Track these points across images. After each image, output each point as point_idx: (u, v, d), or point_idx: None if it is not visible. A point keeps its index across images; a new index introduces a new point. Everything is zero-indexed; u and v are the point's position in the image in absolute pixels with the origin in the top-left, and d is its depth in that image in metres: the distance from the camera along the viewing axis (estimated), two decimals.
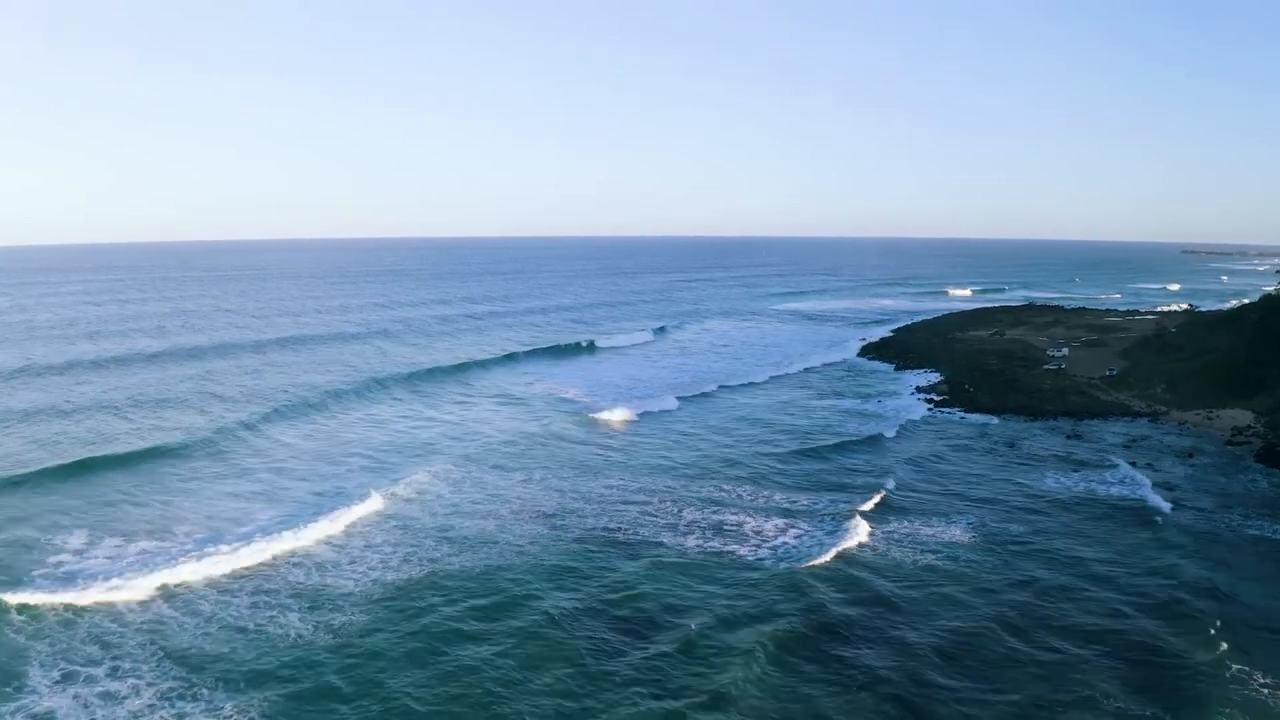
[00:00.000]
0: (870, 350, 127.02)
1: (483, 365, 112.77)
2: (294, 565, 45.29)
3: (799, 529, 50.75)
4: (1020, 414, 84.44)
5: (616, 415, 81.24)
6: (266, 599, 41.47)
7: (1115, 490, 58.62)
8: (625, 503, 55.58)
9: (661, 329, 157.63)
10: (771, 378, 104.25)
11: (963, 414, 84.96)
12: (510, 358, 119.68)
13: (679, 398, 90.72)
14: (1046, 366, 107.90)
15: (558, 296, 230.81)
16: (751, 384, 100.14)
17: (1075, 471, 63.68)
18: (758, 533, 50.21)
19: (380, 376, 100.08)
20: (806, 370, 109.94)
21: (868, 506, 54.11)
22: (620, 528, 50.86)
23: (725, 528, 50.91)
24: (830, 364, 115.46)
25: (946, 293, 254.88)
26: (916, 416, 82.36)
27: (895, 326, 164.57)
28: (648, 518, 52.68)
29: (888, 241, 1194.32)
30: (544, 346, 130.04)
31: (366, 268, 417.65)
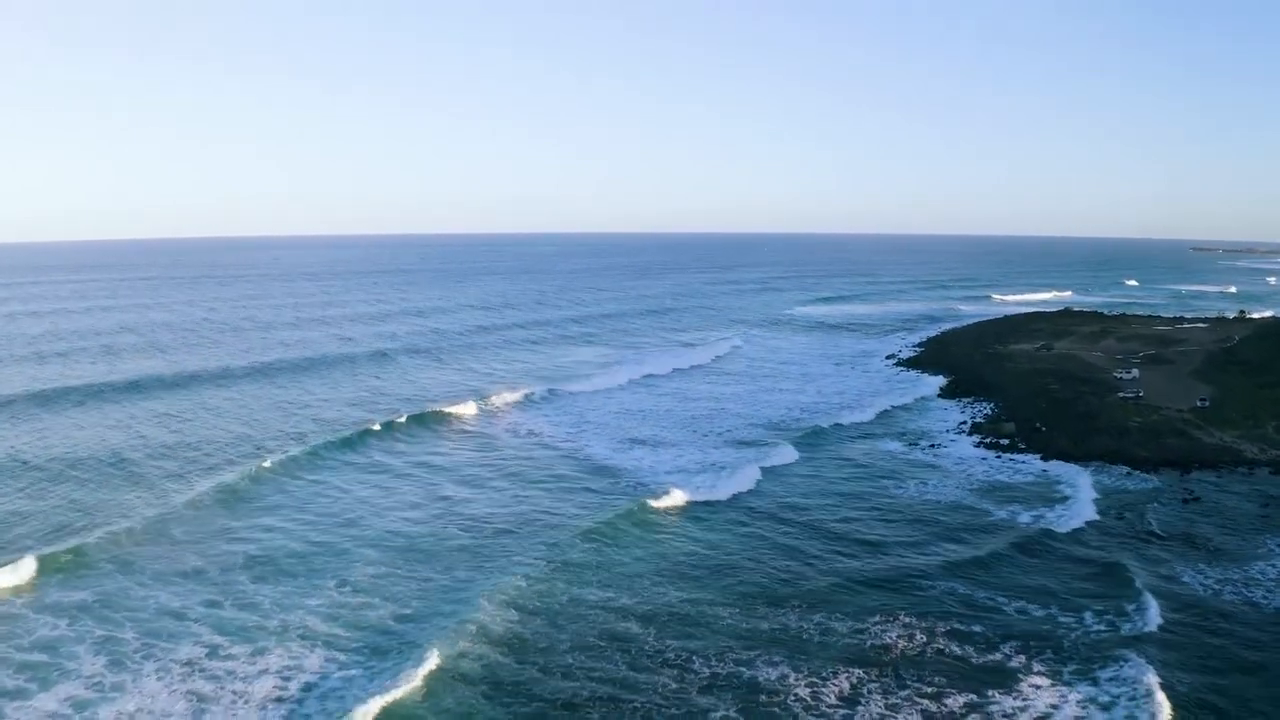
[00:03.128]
0: (946, 391, 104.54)
1: (525, 403, 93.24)
2: None
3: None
4: (1110, 461, 71.88)
5: (730, 482, 65.86)
6: None
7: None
8: (773, 681, 38.18)
9: (714, 345, 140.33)
10: (849, 422, 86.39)
11: (1042, 462, 72.49)
12: (552, 394, 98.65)
13: (793, 442, 77.02)
14: (1122, 394, 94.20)
15: (575, 303, 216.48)
16: (839, 424, 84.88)
17: (1213, 566, 50.21)
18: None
19: (391, 419, 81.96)
20: (881, 413, 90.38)
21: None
22: None
23: None
24: (910, 403, 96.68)
25: (990, 297, 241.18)
26: (1010, 478, 69.81)
27: (926, 336, 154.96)
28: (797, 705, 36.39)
29: (889, 239, 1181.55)
30: (596, 375, 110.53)
31: (368, 265, 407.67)
